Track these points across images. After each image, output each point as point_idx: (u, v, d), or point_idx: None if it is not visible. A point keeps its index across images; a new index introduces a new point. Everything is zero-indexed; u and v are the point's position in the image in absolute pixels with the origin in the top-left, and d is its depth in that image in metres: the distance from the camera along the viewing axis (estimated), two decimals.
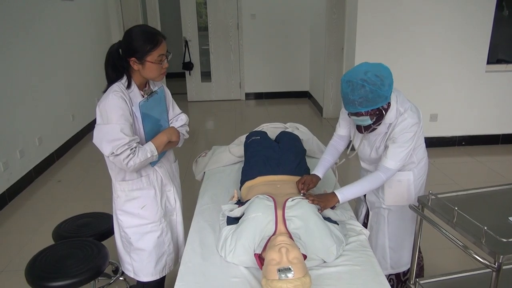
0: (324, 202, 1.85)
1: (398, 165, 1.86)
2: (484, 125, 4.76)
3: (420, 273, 2.31)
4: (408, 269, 2.20)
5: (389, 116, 1.85)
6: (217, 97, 7.37)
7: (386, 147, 1.90)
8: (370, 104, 1.74)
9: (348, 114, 1.90)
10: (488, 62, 4.51)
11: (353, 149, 2.13)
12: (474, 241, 1.48)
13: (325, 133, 2.08)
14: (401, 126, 1.83)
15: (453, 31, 4.35)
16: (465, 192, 1.90)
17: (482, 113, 4.70)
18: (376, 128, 1.90)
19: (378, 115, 1.82)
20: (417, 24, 4.29)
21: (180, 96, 7.19)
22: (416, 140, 1.89)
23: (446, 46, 4.39)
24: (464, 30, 4.35)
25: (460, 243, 1.56)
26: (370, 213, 2.20)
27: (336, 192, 1.87)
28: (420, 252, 2.29)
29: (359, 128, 1.98)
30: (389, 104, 1.83)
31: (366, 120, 1.82)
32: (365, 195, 2.20)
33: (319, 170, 2.10)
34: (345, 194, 1.88)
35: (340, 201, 1.88)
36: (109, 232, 2.25)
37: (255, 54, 7.06)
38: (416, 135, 1.87)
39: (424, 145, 2.06)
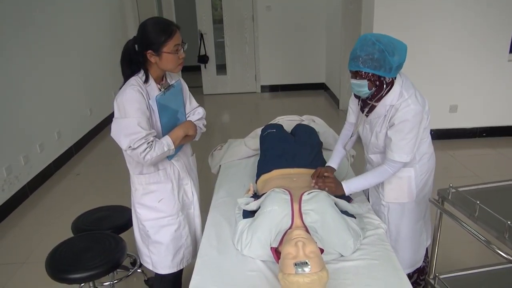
0: (333, 189, 1.89)
1: (404, 157, 1.79)
2: (506, 116, 4.63)
3: (420, 275, 2.19)
4: (410, 273, 2.13)
5: (391, 97, 1.77)
6: (233, 90, 7.35)
7: (389, 139, 1.80)
8: (373, 65, 1.68)
9: (351, 86, 1.85)
10: (511, 51, 4.37)
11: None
12: (497, 235, 1.45)
13: (342, 125, 2.06)
14: (403, 112, 1.74)
15: (474, 19, 4.22)
16: (486, 185, 1.85)
17: (504, 104, 4.57)
18: (375, 106, 1.83)
19: (378, 87, 1.75)
20: (436, 14, 4.18)
21: (195, 89, 7.20)
22: (421, 132, 1.80)
23: (466, 34, 4.27)
24: (485, 19, 4.22)
25: (483, 238, 1.53)
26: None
27: (343, 183, 1.90)
28: (426, 253, 2.17)
29: (362, 109, 1.93)
30: (392, 82, 1.77)
31: (364, 87, 1.75)
32: (368, 191, 2.13)
33: (333, 161, 2.11)
34: (350, 186, 1.91)
35: (346, 193, 1.90)
36: (127, 225, 2.28)
37: (271, 46, 7.01)
38: (421, 126, 1.78)
39: (429, 139, 1.94)
